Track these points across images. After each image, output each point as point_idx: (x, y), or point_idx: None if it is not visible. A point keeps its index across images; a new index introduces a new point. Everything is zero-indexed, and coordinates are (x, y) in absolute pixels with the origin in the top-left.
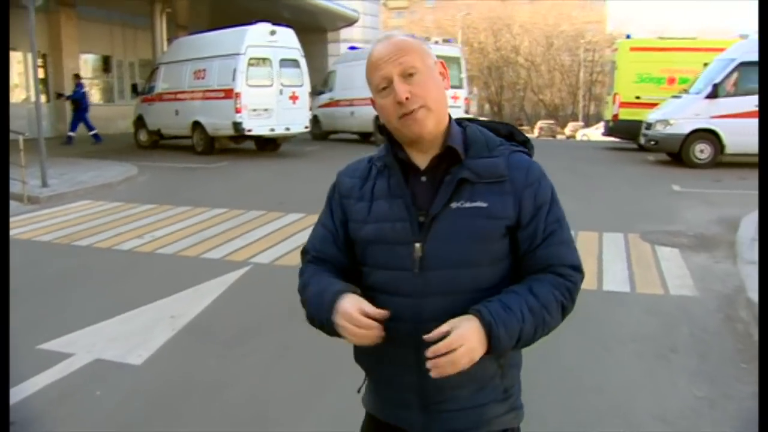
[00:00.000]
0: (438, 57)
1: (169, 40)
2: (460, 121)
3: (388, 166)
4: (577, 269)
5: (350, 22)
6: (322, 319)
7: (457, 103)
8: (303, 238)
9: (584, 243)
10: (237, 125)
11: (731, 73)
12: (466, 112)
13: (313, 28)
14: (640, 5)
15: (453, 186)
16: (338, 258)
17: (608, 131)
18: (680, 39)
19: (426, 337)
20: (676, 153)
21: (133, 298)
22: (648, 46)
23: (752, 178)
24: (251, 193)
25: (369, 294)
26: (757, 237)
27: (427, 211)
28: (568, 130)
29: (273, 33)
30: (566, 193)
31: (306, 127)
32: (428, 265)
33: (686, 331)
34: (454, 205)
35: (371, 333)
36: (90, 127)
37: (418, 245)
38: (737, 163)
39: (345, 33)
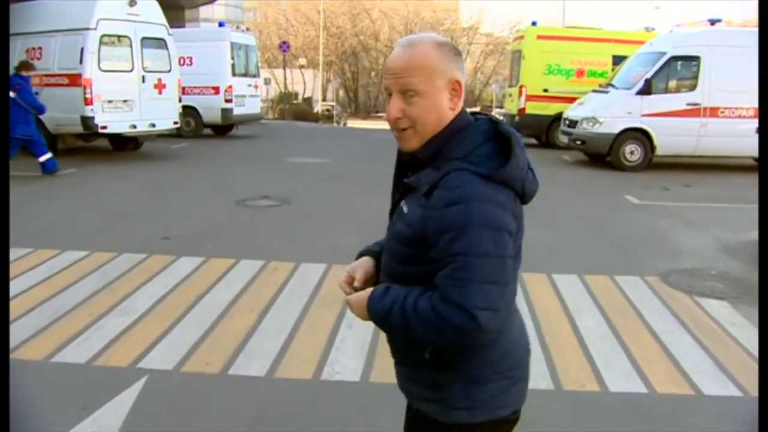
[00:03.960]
0: (234, 44)
1: None
2: (469, 121)
3: None
4: (467, 310)
5: None
6: None
7: (257, 92)
8: (215, 306)
9: (607, 295)
10: (87, 121)
11: (662, 67)
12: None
13: (168, 4)
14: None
15: (402, 188)
16: None
17: (514, 126)
18: (587, 29)
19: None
20: (604, 154)
21: None
22: (556, 34)
23: (696, 184)
24: (119, 220)
25: None
26: None
27: None
28: None
29: (132, 4)
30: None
31: (175, 123)
32: (385, 249)
33: None
34: (401, 204)
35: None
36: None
37: None
38: (663, 164)
39: (204, 11)
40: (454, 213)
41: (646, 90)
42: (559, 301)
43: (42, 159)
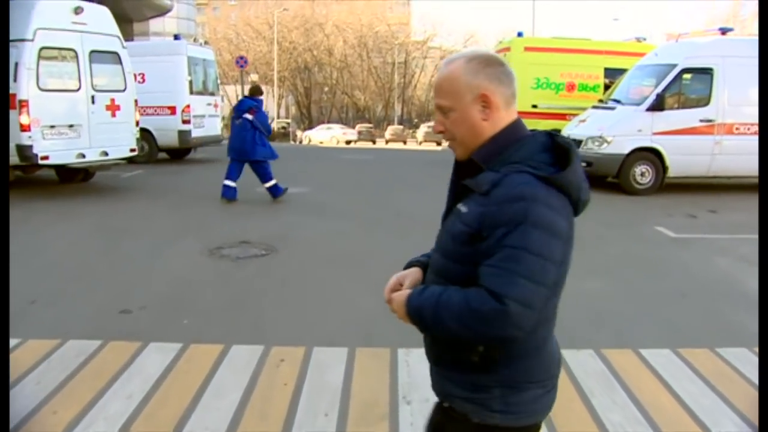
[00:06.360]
0: (191, 58)
1: None
2: (527, 132)
3: None
4: (499, 297)
5: (162, 11)
6: None
7: (217, 111)
8: None
9: (727, 384)
10: (24, 150)
11: (674, 81)
12: (223, 117)
13: (115, 16)
14: (443, 11)
15: (459, 190)
16: None
17: None
18: (577, 39)
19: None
20: (612, 176)
21: None
22: (545, 46)
23: (721, 209)
24: (62, 282)
25: None
26: None
27: None
28: (388, 134)
29: (78, 10)
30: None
31: (132, 151)
32: (436, 248)
33: None
34: (458, 205)
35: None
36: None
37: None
38: (672, 186)
39: (155, 25)
40: (512, 209)
41: (658, 106)
42: (673, 397)
43: (269, 184)
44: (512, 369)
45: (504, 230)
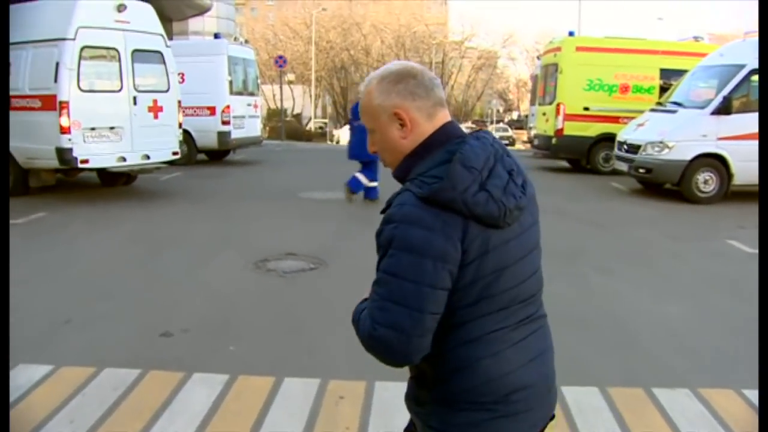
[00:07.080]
0: (232, 58)
1: None
2: (447, 140)
3: None
4: (371, 322)
5: (201, 10)
6: None
7: (257, 111)
8: None
9: None
10: (63, 153)
11: (742, 82)
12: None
13: None
14: (482, 11)
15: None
16: None
17: (551, 150)
18: (631, 39)
19: None
20: (672, 184)
21: None
22: (597, 45)
23: None
24: (97, 299)
25: None
26: None
27: None
28: None
29: (121, 8)
30: (614, 271)
31: (174, 154)
32: None
33: None
34: None
35: None
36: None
37: None
38: (738, 194)
39: (194, 24)
40: (384, 232)
41: (724, 109)
42: None
43: (373, 184)
44: (445, 387)
45: (381, 253)
